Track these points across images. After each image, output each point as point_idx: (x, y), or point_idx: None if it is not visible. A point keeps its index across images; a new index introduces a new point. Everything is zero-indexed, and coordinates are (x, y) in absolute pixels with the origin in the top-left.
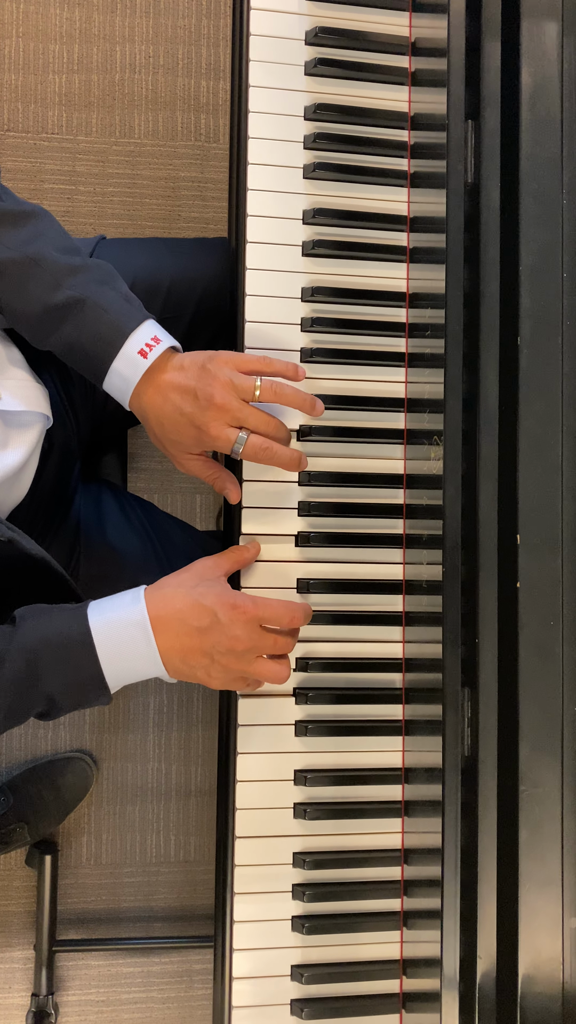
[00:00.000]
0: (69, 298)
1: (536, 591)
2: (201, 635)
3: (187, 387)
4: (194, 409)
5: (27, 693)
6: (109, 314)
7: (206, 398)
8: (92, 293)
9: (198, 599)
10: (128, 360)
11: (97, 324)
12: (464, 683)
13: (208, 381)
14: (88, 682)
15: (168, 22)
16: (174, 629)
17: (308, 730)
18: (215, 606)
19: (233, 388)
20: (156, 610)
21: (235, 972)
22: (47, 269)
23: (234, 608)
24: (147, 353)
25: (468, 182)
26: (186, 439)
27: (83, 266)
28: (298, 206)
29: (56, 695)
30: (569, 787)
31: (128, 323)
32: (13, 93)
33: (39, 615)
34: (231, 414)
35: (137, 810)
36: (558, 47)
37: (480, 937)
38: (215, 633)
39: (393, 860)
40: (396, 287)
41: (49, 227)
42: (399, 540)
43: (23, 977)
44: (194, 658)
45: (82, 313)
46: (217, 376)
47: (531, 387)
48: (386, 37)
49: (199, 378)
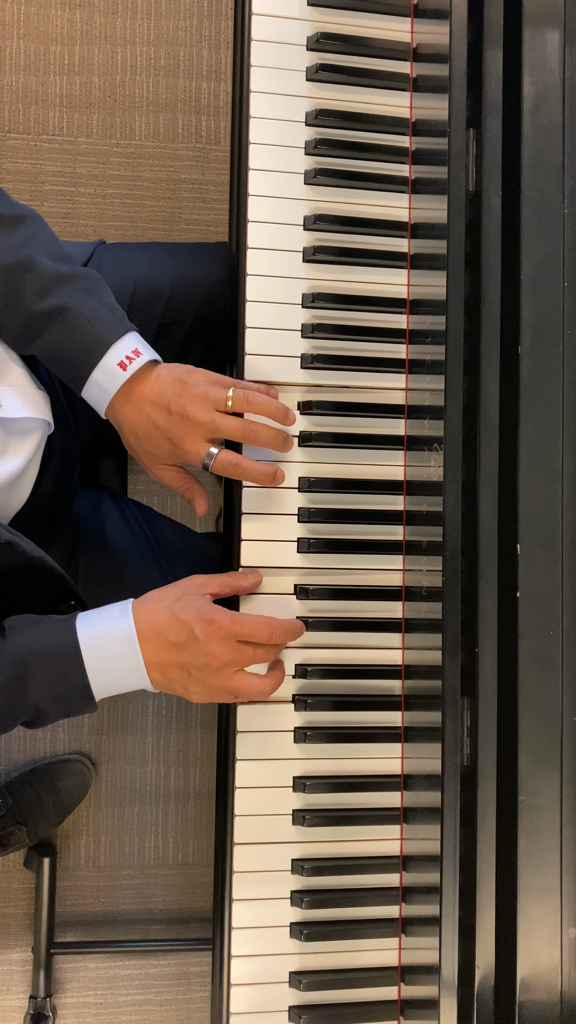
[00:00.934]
0: (53, 306)
1: (536, 600)
2: (178, 650)
3: (162, 402)
4: (167, 423)
5: (14, 702)
6: (91, 324)
7: (179, 412)
8: (76, 302)
9: (177, 614)
10: (107, 371)
11: (79, 333)
12: (463, 692)
13: (182, 395)
14: (75, 693)
15: (169, 24)
16: (153, 643)
17: (307, 737)
18: (192, 621)
19: (207, 400)
20: (140, 623)
21: (233, 978)
22: (36, 275)
23: (210, 623)
24: (127, 365)
25: (469, 190)
26: (160, 451)
27: (71, 275)
28: (299, 212)
29: (43, 704)
30: (568, 797)
31: (110, 334)
32: (14, 95)
33: (28, 625)
34: (204, 427)
35: (135, 812)
36: (560, 55)
37: (478, 945)
38: (191, 648)
39: (391, 867)
40: (397, 293)
41: (41, 232)
42: (399, 547)
43: (21, 979)
44: (171, 672)
45: (64, 322)
46: (192, 390)
47: (532, 395)
48: (387, 43)
49: (174, 392)
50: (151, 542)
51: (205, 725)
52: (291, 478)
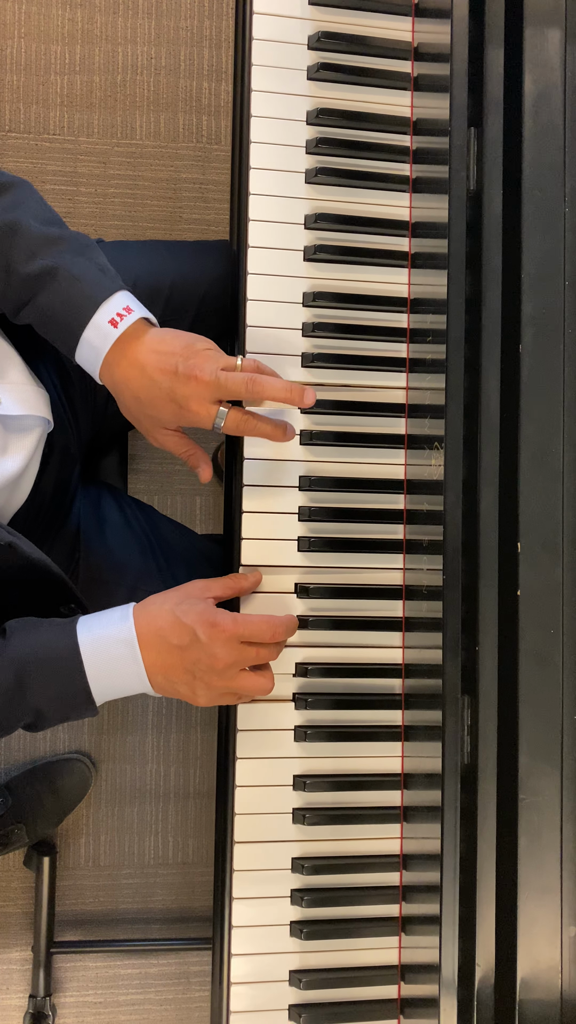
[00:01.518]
0: (43, 268)
1: (536, 599)
2: (181, 653)
3: (168, 363)
4: (173, 384)
5: (15, 705)
6: (81, 283)
7: (187, 373)
8: (66, 263)
9: (179, 617)
10: (98, 329)
11: (69, 293)
12: (464, 690)
13: (192, 354)
14: (75, 696)
15: (170, 23)
16: (156, 647)
17: (307, 735)
18: (195, 624)
19: (215, 361)
20: (141, 628)
21: (233, 977)
22: (24, 238)
23: (213, 626)
24: (117, 323)
25: (470, 189)
26: (164, 414)
27: (61, 237)
28: (300, 210)
29: (43, 708)
30: (568, 795)
31: (100, 293)
32: (15, 94)
33: (29, 629)
34: (211, 387)
35: (135, 812)
36: (561, 54)
37: (478, 944)
38: (195, 651)
39: (392, 866)
40: (398, 292)
41: (29, 197)
42: (399, 546)
43: (21, 978)
44: (176, 675)
45: (55, 282)
46: (200, 351)
47: (533, 394)
48: (388, 42)
49: (182, 352)
50: (151, 541)
51: (205, 724)
52: (292, 477)
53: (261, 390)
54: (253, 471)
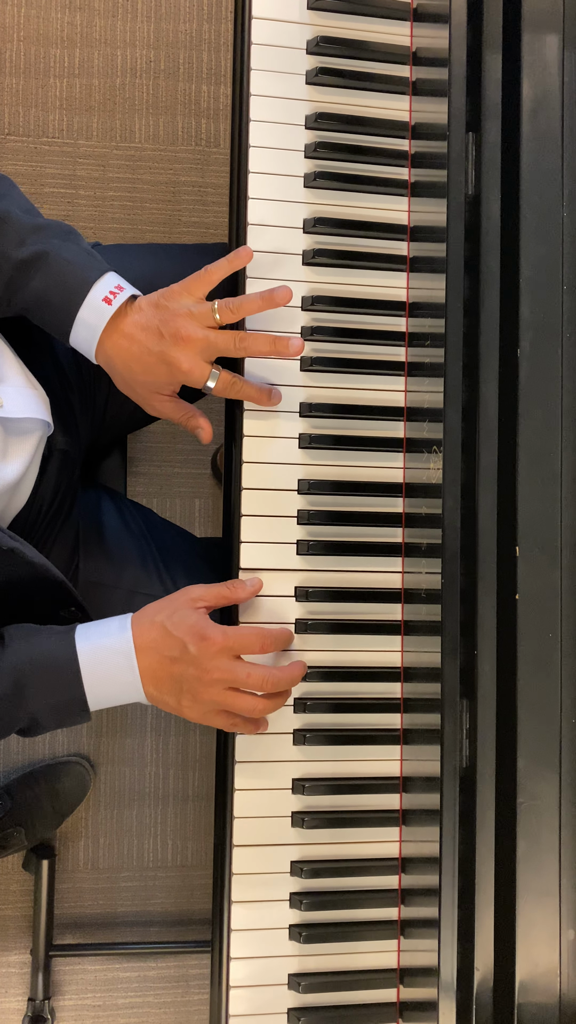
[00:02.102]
0: (34, 252)
1: (535, 603)
2: (171, 664)
3: (150, 325)
4: (162, 346)
5: (11, 712)
6: (73, 265)
7: (172, 334)
8: (55, 247)
9: (170, 629)
10: (93, 308)
11: (62, 275)
12: (463, 694)
13: (169, 317)
14: (71, 704)
15: (169, 27)
16: (147, 658)
17: (306, 739)
18: (184, 636)
19: (193, 317)
20: (136, 638)
21: (232, 980)
22: (12, 226)
23: (203, 639)
24: (111, 300)
25: (468, 194)
26: (157, 377)
27: (46, 224)
28: (299, 215)
29: (39, 715)
30: (567, 799)
31: (91, 273)
32: (14, 97)
33: (28, 635)
34: (198, 344)
35: (134, 814)
36: (559, 60)
37: (477, 947)
38: (183, 663)
39: (391, 869)
40: (396, 296)
41: (12, 189)
42: (398, 549)
43: (20, 981)
44: (164, 686)
45: (47, 266)
46: (176, 311)
47: (531, 398)
48: (387, 47)
49: (159, 314)
50: (150, 545)
51: (204, 727)
52: (291, 480)
53: (248, 346)
54: (252, 474)
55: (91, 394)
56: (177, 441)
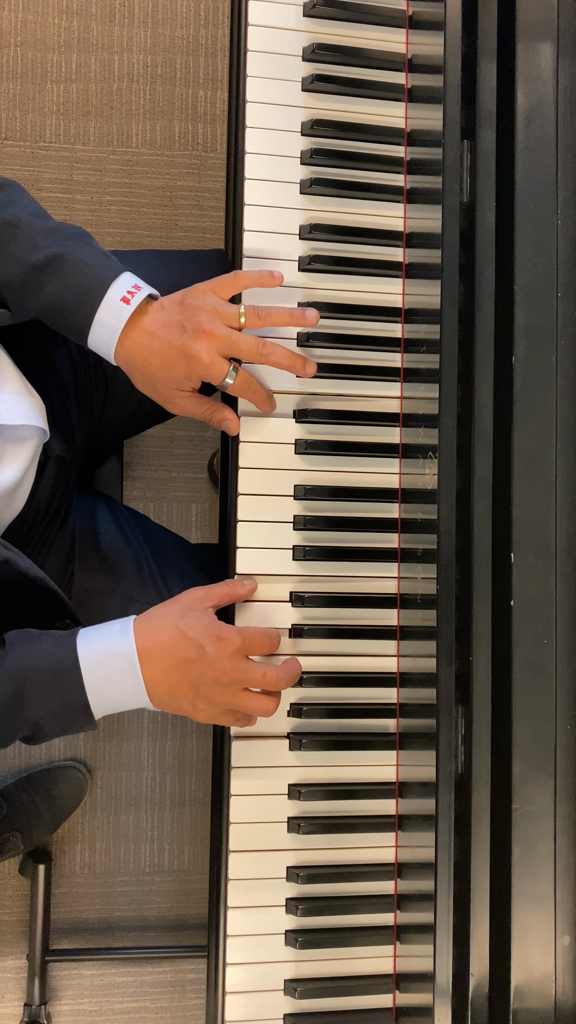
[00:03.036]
0: (48, 256)
1: (530, 609)
2: (187, 667)
3: (173, 321)
4: (183, 340)
5: (13, 718)
6: (89, 267)
7: (194, 328)
8: (70, 249)
9: (184, 631)
10: (111, 308)
11: (79, 277)
12: (458, 700)
13: (193, 312)
14: (74, 710)
15: (166, 32)
16: (160, 661)
17: (302, 744)
18: (201, 638)
19: (218, 315)
20: (142, 642)
21: (228, 986)
22: (25, 231)
23: (220, 640)
24: (129, 300)
25: (464, 201)
26: (177, 372)
27: (57, 227)
28: (295, 221)
29: (42, 721)
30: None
31: (108, 274)
32: (11, 102)
33: (28, 641)
34: (220, 340)
35: (131, 819)
36: (553, 68)
37: (473, 952)
38: (200, 665)
39: (386, 874)
40: (392, 302)
41: (22, 195)
42: (394, 555)
43: (16, 987)
44: (179, 690)
45: (63, 268)
46: (201, 307)
47: (525, 405)
48: (383, 54)
49: (183, 311)
50: (146, 551)
51: (200, 732)
52: (287, 486)
53: (269, 353)
54: (248, 480)
55: (88, 400)
56: (174, 446)
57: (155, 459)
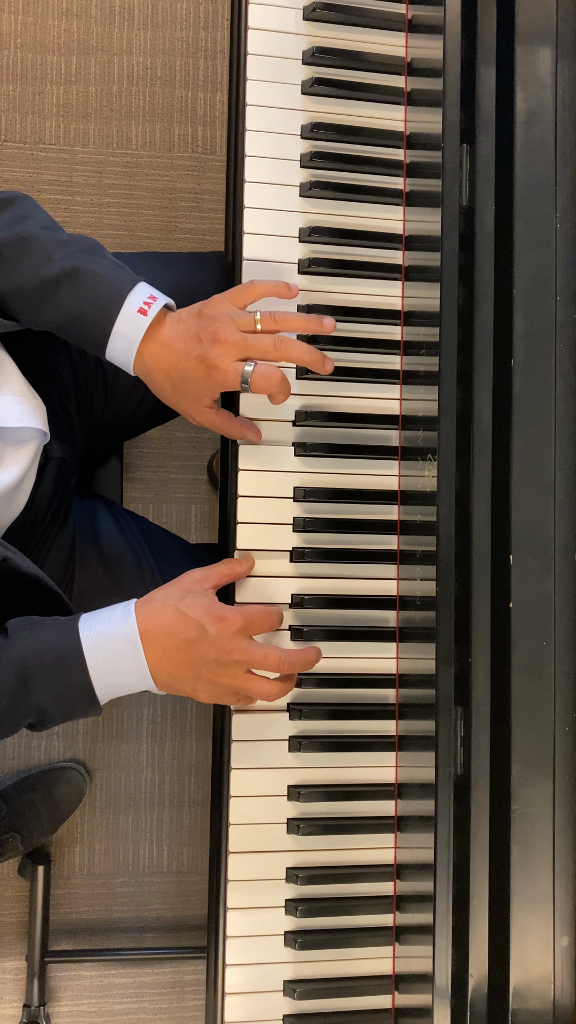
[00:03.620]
0: (62, 269)
1: (529, 611)
2: (188, 647)
3: (190, 332)
4: (200, 349)
5: (18, 704)
6: (105, 279)
7: (210, 337)
8: (84, 262)
9: (185, 612)
10: (129, 320)
11: (94, 290)
12: (457, 701)
13: (209, 322)
14: (78, 695)
15: (166, 34)
16: (161, 643)
17: (302, 745)
18: (202, 618)
19: (234, 323)
20: (144, 624)
21: (228, 987)
22: (37, 245)
23: (221, 620)
24: (146, 311)
25: (463, 205)
26: (196, 383)
27: (69, 239)
28: (294, 224)
29: (47, 707)
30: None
31: (124, 285)
32: (11, 104)
33: (31, 627)
34: (236, 346)
35: (130, 820)
36: (552, 72)
37: (472, 953)
38: (202, 646)
39: (386, 876)
40: (391, 305)
41: (33, 208)
42: (393, 556)
43: (15, 988)
44: (181, 670)
45: (78, 282)
46: (217, 316)
47: (524, 408)
48: (382, 57)
49: (199, 321)
50: (146, 552)
51: (200, 733)
52: (286, 487)
53: (287, 350)
54: (248, 482)
55: (88, 402)
56: (173, 447)
57: (154, 460)
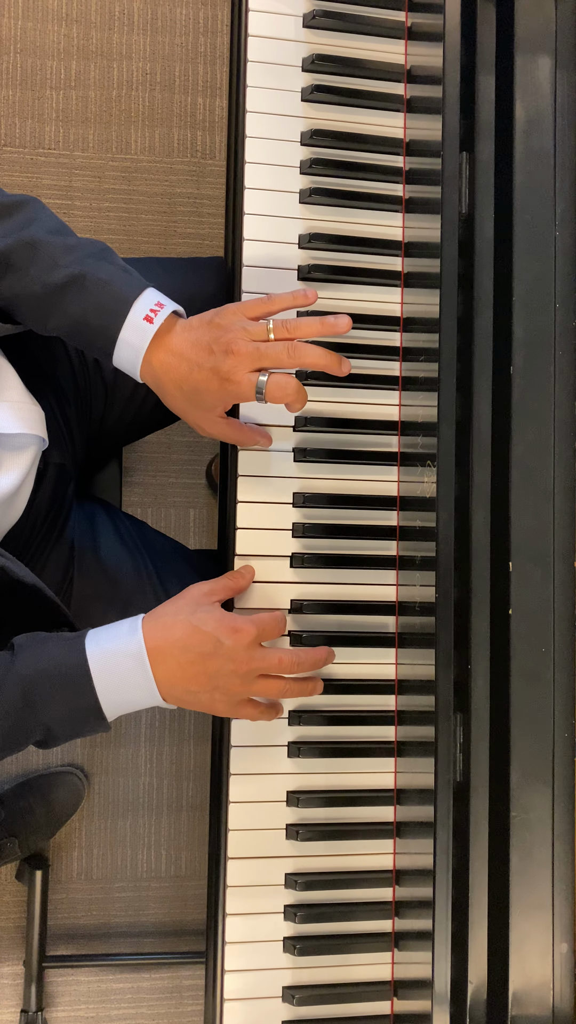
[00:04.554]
0: (69, 275)
1: (528, 618)
2: (204, 661)
3: (202, 342)
4: (213, 362)
5: (24, 722)
6: (111, 286)
7: (223, 348)
8: (90, 268)
9: (198, 626)
10: (135, 328)
11: (100, 296)
12: (456, 708)
13: (222, 332)
14: (85, 713)
15: (165, 39)
16: (175, 658)
17: (301, 751)
18: (216, 631)
19: (247, 334)
20: (154, 640)
21: (226, 993)
22: (44, 251)
23: (236, 632)
24: (152, 318)
25: (462, 213)
26: (209, 395)
27: (77, 244)
28: (294, 231)
29: (53, 725)
30: (559, 813)
31: (130, 292)
32: (10, 108)
33: (37, 644)
34: (249, 356)
35: (128, 825)
36: (551, 81)
37: (471, 959)
38: (218, 658)
39: (385, 881)
40: (391, 311)
41: (40, 212)
42: (393, 562)
43: (12, 993)
44: (197, 684)
45: (84, 288)
46: (229, 327)
47: (524, 415)
48: (382, 64)
49: (211, 332)
50: (144, 558)
51: (198, 737)
52: (286, 493)
53: (302, 356)
54: (247, 487)
55: (87, 407)
56: (172, 451)
57: (153, 465)
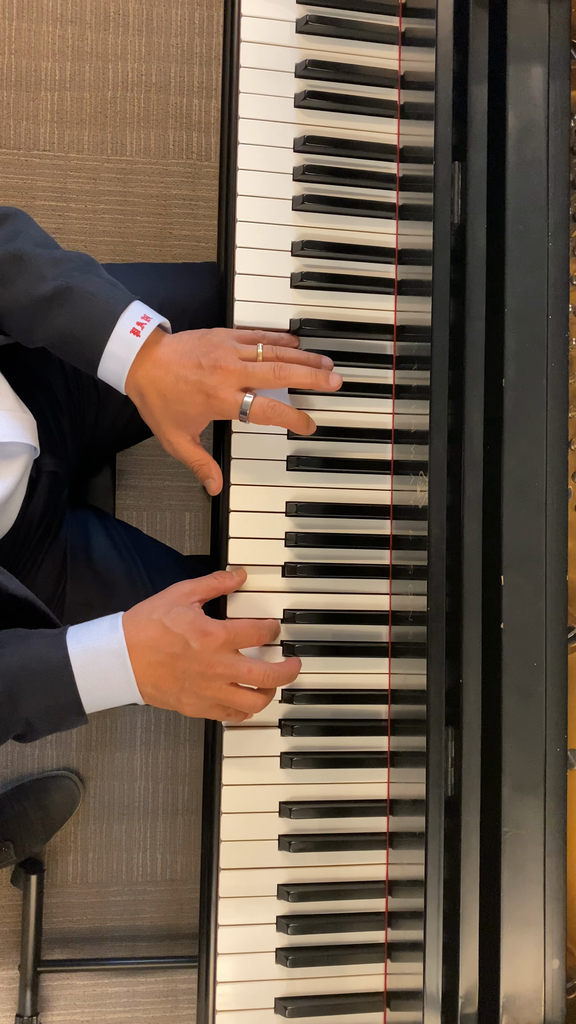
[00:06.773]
0: (56, 288)
1: (520, 632)
2: (172, 661)
3: (190, 355)
4: (200, 376)
5: (5, 717)
6: (97, 299)
7: (211, 364)
8: (77, 281)
9: (169, 626)
10: (121, 341)
11: (87, 309)
12: (448, 722)
13: (211, 348)
14: (65, 708)
15: (160, 40)
16: (146, 656)
17: (293, 762)
18: (185, 633)
19: (236, 352)
20: (131, 637)
21: (218, 1005)
22: (31, 263)
23: (205, 635)
24: (139, 332)
25: (455, 223)
26: (192, 409)
27: (64, 257)
28: (287, 238)
29: (33, 719)
30: (551, 829)
31: (117, 305)
32: (5, 110)
33: (18, 640)
34: (237, 375)
35: (123, 829)
36: (543, 90)
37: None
38: (185, 660)
39: (377, 892)
40: (384, 319)
41: (26, 225)
42: (386, 571)
43: (7, 997)
44: (165, 684)
45: (70, 301)
46: (220, 344)
47: (515, 427)
48: (375, 70)
49: (201, 346)
50: (138, 564)
51: (193, 741)
52: (278, 502)
53: (288, 376)
54: (240, 497)
55: (81, 415)
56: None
57: (148, 468)
